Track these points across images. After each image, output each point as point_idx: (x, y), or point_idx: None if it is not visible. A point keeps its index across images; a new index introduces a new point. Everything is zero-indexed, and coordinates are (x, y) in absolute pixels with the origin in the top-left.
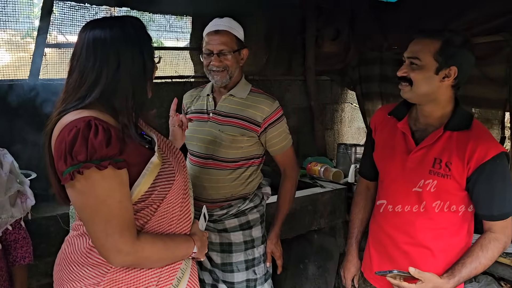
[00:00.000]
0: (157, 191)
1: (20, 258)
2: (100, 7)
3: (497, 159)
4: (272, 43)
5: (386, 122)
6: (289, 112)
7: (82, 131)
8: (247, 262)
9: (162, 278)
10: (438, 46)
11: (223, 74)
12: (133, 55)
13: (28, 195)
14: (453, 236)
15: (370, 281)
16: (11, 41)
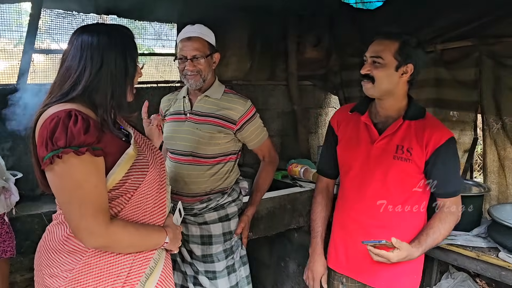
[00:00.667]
0: (130, 180)
1: (1, 251)
2: (87, 15)
3: (449, 143)
4: (255, 50)
5: (349, 119)
6: (273, 116)
7: (63, 119)
8: (226, 252)
9: (135, 265)
10: (397, 46)
11: (197, 77)
12: (116, 58)
13: (12, 192)
14: (413, 216)
15: (341, 272)
16: (4, 49)
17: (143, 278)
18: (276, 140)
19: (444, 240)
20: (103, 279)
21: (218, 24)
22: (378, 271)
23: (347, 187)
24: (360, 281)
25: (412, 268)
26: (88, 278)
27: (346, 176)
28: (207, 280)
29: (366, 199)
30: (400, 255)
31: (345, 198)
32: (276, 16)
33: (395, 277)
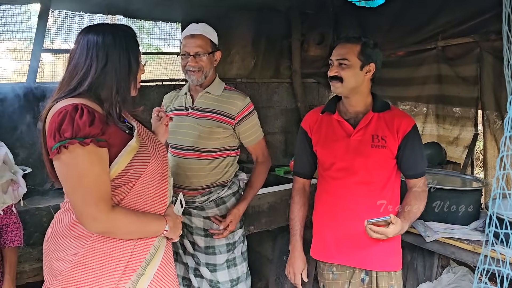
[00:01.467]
0: (132, 170)
1: (10, 241)
2: (94, 15)
3: (415, 128)
4: (259, 48)
5: (320, 121)
6: (277, 113)
7: (70, 112)
8: (228, 246)
9: (136, 251)
10: (359, 48)
11: (199, 74)
12: (120, 56)
13: (20, 184)
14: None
15: (330, 261)
16: (16, 49)
17: (144, 264)
18: (279, 137)
19: (443, 234)
20: (106, 263)
21: (223, 22)
22: (368, 254)
23: (331, 180)
24: (352, 266)
25: (396, 248)
26: (92, 261)
27: (329, 170)
28: (207, 272)
29: (353, 187)
30: (395, 230)
31: (330, 190)
32: (280, 15)
33: (384, 258)
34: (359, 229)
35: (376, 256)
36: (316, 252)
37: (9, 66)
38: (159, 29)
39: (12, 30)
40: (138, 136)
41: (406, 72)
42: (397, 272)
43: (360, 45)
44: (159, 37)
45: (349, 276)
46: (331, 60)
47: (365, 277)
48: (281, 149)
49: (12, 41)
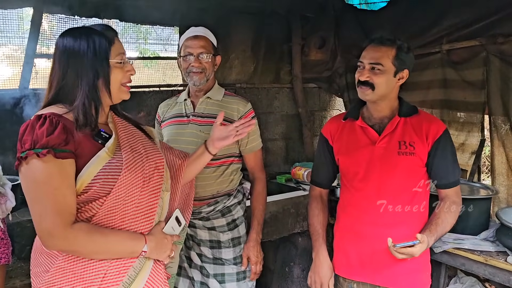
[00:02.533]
0: (99, 184)
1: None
2: (89, 19)
3: (446, 133)
4: (259, 52)
5: (342, 128)
6: (277, 119)
7: (32, 123)
8: (235, 259)
9: (110, 273)
10: (394, 52)
11: (201, 75)
12: (82, 60)
13: (8, 197)
14: (420, 213)
15: (352, 278)
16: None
17: (122, 287)
18: (280, 143)
19: (452, 244)
20: (77, 285)
21: (222, 27)
22: (395, 272)
23: (355, 191)
24: (376, 284)
25: (425, 264)
26: (62, 282)
27: (353, 181)
28: (217, 284)
29: (379, 199)
30: (422, 248)
31: (354, 203)
32: (280, 19)
33: (411, 275)
34: (385, 245)
35: (403, 274)
36: (337, 266)
37: (3, 72)
38: (157, 34)
39: (6, 36)
40: (117, 147)
41: (410, 76)
42: None
43: (396, 49)
44: (157, 42)
45: None
46: (361, 62)
47: None
48: (282, 156)
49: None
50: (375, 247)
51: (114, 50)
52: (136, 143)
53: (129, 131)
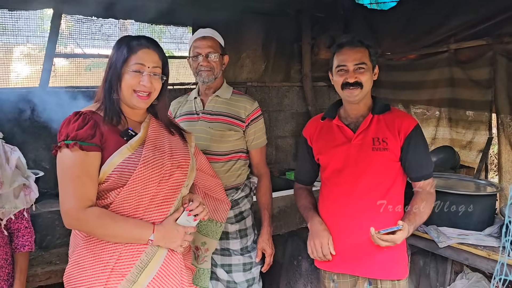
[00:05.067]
0: (116, 176)
1: (20, 246)
2: (105, 20)
3: (417, 128)
4: (269, 52)
5: (320, 128)
6: (287, 117)
7: (69, 118)
8: (242, 250)
9: (123, 255)
10: (368, 51)
11: (210, 72)
12: (111, 67)
13: (32, 189)
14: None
15: (332, 270)
16: (30, 54)
17: (135, 270)
18: (290, 141)
19: (456, 239)
20: (96, 263)
21: (233, 26)
22: (372, 262)
23: (333, 187)
24: (355, 274)
25: (401, 255)
26: (84, 260)
27: (331, 176)
28: (224, 273)
29: (355, 193)
30: (403, 235)
31: (332, 197)
32: (290, 19)
33: (388, 265)
34: (362, 237)
35: (380, 264)
36: (318, 260)
37: (23, 70)
38: (170, 33)
39: (25, 35)
40: (141, 144)
41: (417, 75)
42: (401, 282)
43: (367, 48)
44: (171, 41)
45: (351, 285)
46: (344, 66)
47: (368, 286)
48: (291, 152)
49: (26, 46)
50: (353, 240)
51: (134, 59)
52: (163, 142)
53: (160, 132)
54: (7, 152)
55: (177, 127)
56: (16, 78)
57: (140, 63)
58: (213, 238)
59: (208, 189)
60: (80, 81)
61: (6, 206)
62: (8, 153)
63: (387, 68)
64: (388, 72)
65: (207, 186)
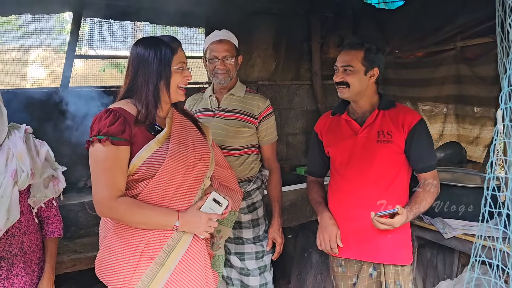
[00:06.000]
0: (146, 168)
1: (50, 232)
2: (122, 22)
3: (421, 122)
4: (280, 51)
5: (330, 123)
6: (297, 115)
7: (101, 115)
8: (254, 239)
9: (151, 240)
10: (362, 54)
11: (226, 75)
12: (148, 66)
13: (60, 180)
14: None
15: (339, 256)
16: (46, 56)
17: (162, 254)
18: (300, 138)
19: (461, 231)
20: (126, 248)
21: (244, 27)
22: (376, 248)
23: (340, 178)
24: (360, 259)
25: (405, 241)
26: (115, 245)
27: (339, 168)
28: (238, 260)
29: (361, 183)
30: (402, 220)
31: (340, 188)
32: (300, 18)
33: (392, 251)
34: (367, 224)
35: (384, 249)
36: None
37: (42, 71)
38: (184, 34)
39: (47, 38)
40: (167, 138)
41: (425, 72)
42: (404, 268)
43: (364, 51)
44: (184, 42)
45: (357, 270)
46: (336, 66)
47: (373, 272)
48: (302, 149)
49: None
50: (358, 227)
51: (176, 58)
52: (187, 136)
53: (183, 126)
54: (37, 146)
55: (196, 121)
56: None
57: (182, 61)
58: (227, 226)
59: (223, 179)
60: (94, 81)
61: (37, 195)
62: (38, 146)
63: (396, 66)
64: (397, 69)
65: (222, 177)
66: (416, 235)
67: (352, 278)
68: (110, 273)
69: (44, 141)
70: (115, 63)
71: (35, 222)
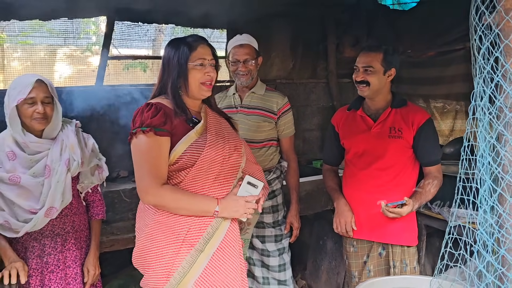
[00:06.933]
0: (187, 157)
1: (95, 214)
2: (150, 25)
3: (429, 122)
4: (297, 51)
5: (346, 117)
6: (314, 112)
7: (142, 108)
8: (274, 224)
9: (193, 227)
10: (381, 56)
11: (247, 76)
12: (171, 65)
13: (103, 168)
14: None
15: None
16: (72, 55)
17: (202, 241)
18: (316, 133)
19: (467, 218)
20: (168, 235)
21: (263, 29)
22: (385, 230)
23: (354, 167)
24: (370, 240)
25: (410, 225)
26: (158, 233)
27: (353, 158)
28: (259, 242)
29: (372, 172)
30: (408, 210)
31: (353, 176)
32: (316, 20)
33: (398, 233)
34: (377, 209)
35: (391, 232)
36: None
37: (79, 71)
38: (206, 34)
39: (84, 40)
40: (204, 130)
41: (436, 71)
42: (410, 249)
43: (383, 53)
44: None
45: (368, 250)
46: (356, 67)
47: (382, 251)
48: (317, 144)
49: (82, 49)
50: (369, 211)
51: (195, 55)
52: (221, 129)
53: (217, 120)
54: (85, 138)
55: (227, 116)
56: (72, 78)
57: (202, 58)
58: (255, 213)
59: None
60: (118, 79)
61: (85, 182)
62: (85, 139)
63: (408, 65)
64: (409, 68)
65: (251, 172)
66: (424, 224)
67: (363, 257)
68: (151, 259)
69: (89, 134)
70: (137, 62)
71: (83, 205)
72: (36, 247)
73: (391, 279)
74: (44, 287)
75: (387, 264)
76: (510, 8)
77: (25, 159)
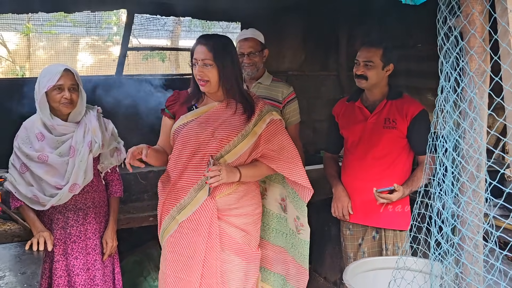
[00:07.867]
0: (174, 134)
1: (114, 192)
2: (168, 18)
3: (422, 113)
4: (308, 43)
5: (346, 108)
6: (324, 103)
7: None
8: None
9: (169, 198)
10: (381, 52)
11: (252, 67)
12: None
13: (122, 151)
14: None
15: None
16: (94, 45)
17: (176, 209)
18: (326, 124)
19: None
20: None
21: (276, 22)
22: (379, 215)
23: (351, 155)
24: (365, 224)
25: (403, 211)
26: (162, 195)
27: (350, 147)
28: None
29: (368, 161)
30: (398, 195)
31: (350, 164)
32: (328, 13)
33: (391, 218)
34: (371, 195)
35: (385, 217)
36: None
37: (100, 60)
38: (222, 27)
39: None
40: (197, 117)
41: None
42: (402, 233)
43: (383, 49)
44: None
45: (362, 233)
46: (357, 60)
47: (375, 234)
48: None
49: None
50: (364, 197)
51: (194, 54)
52: (215, 120)
53: (220, 112)
54: (106, 123)
55: (251, 108)
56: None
57: (194, 57)
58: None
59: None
60: (137, 69)
61: (105, 162)
62: (106, 123)
63: (418, 58)
64: (419, 62)
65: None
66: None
67: (358, 239)
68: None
69: (109, 119)
70: (155, 52)
71: (103, 184)
72: (60, 219)
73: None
74: (67, 255)
75: (380, 246)
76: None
77: (52, 140)
